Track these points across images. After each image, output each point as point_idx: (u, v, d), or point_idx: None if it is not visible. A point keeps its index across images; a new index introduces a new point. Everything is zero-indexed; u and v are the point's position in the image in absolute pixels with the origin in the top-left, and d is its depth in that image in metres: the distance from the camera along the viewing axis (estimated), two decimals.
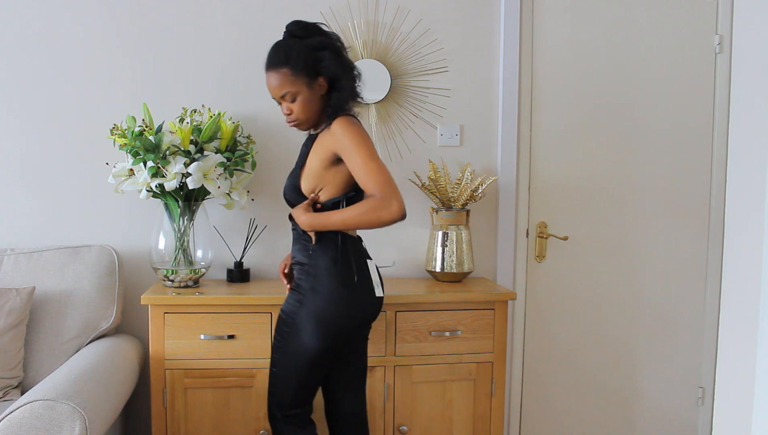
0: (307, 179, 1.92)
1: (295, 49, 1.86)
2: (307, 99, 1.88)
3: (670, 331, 2.89)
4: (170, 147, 2.31)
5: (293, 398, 1.95)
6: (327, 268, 1.88)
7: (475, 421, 2.38)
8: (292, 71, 1.85)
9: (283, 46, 1.89)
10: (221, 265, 2.58)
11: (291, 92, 1.87)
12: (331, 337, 1.89)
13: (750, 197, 1.39)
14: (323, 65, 1.87)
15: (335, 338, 1.90)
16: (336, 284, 1.87)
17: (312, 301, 1.88)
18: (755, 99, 1.40)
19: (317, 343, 1.88)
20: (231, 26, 2.59)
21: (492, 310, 2.37)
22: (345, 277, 1.88)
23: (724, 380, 1.50)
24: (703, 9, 2.82)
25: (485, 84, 2.73)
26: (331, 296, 1.87)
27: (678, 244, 2.87)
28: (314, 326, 1.87)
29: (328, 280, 1.87)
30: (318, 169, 1.89)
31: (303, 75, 1.85)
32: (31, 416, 1.69)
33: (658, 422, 2.91)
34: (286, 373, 1.93)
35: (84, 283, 2.34)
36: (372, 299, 1.94)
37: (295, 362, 1.92)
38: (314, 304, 1.87)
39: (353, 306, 1.91)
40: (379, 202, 1.76)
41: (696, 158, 2.86)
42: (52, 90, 2.53)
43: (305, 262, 1.91)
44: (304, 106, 1.88)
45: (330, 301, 1.87)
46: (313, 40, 1.89)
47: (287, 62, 1.85)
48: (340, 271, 1.88)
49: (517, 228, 2.78)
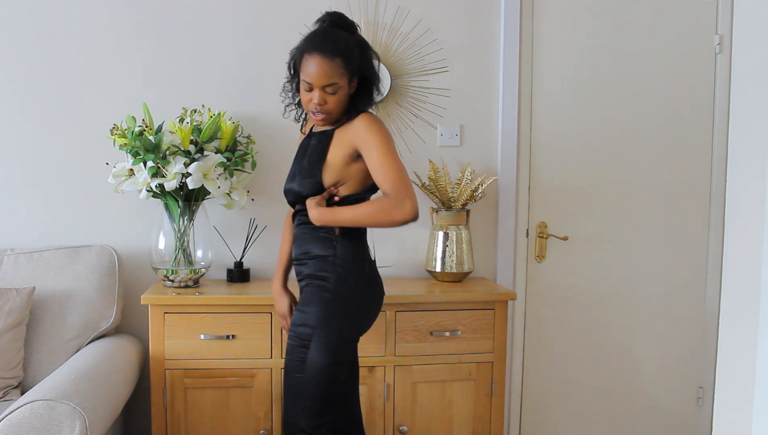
0: (331, 173, 1.85)
1: (351, 43, 1.82)
2: (345, 94, 1.83)
3: (670, 331, 2.89)
4: (170, 147, 2.31)
5: (327, 403, 1.82)
6: (353, 259, 1.87)
7: (475, 421, 2.38)
8: (345, 63, 1.78)
9: (337, 36, 1.81)
10: (221, 265, 2.58)
11: (337, 84, 1.79)
12: (362, 329, 1.91)
13: (750, 197, 1.39)
14: (368, 66, 1.86)
15: (364, 330, 1.92)
16: (363, 276, 1.89)
17: (343, 290, 1.84)
18: (755, 99, 1.40)
19: (354, 334, 1.88)
20: (231, 26, 2.59)
21: (492, 310, 2.37)
22: (370, 270, 1.92)
23: (724, 380, 1.50)
24: (703, 9, 2.82)
25: (485, 84, 2.73)
26: (360, 288, 1.88)
27: (678, 244, 2.87)
28: (349, 316, 1.86)
29: (357, 270, 1.87)
30: (341, 163, 1.85)
31: (350, 70, 1.81)
32: (31, 416, 1.69)
33: (657, 422, 2.91)
34: (317, 373, 1.81)
35: (84, 283, 2.34)
36: (382, 295, 1.97)
37: (334, 356, 1.81)
38: (346, 293, 1.84)
39: (377, 298, 1.94)
40: (392, 201, 1.74)
41: (696, 158, 2.86)
42: (52, 90, 2.53)
43: (328, 254, 1.86)
44: (340, 101, 1.83)
45: (359, 293, 1.87)
46: (360, 38, 1.87)
47: (343, 53, 1.79)
48: (365, 265, 1.90)
49: (517, 228, 2.78)
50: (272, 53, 2.59)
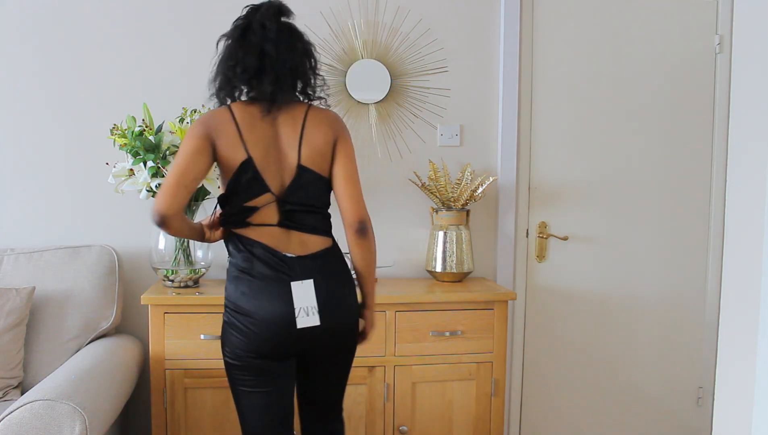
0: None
1: None
2: None
3: (670, 331, 2.89)
4: (170, 147, 2.31)
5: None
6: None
7: (475, 421, 2.38)
8: None
9: None
10: (221, 265, 2.58)
11: None
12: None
13: (750, 197, 1.39)
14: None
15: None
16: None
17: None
18: (755, 99, 1.40)
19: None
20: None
21: (492, 310, 2.37)
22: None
23: (724, 380, 1.50)
24: (703, 9, 2.82)
25: (485, 84, 2.73)
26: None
27: (678, 244, 2.87)
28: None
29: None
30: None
31: None
32: (31, 416, 1.69)
33: (657, 422, 2.91)
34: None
35: (84, 283, 2.34)
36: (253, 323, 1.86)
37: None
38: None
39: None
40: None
41: (696, 158, 2.86)
42: (52, 90, 2.53)
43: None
44: None
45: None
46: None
47: None
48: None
49: (517, 228, 2.78)
50: None
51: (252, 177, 1.70)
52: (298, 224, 1.73)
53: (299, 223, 1.73)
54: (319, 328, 1.70)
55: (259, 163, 1.70)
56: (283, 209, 1.72)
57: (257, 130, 1.71)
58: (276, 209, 1.72)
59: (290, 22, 1.76)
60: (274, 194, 1.71)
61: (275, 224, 1.72)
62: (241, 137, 1.69)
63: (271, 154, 1.71)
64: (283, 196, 1.72)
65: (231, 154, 1.69)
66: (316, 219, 1.77)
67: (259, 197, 1.71)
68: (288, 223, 1.72)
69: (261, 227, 1.71)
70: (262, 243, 1.70)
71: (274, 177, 1.72)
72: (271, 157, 1.71)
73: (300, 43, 1.75)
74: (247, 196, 1.70)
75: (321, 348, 1.77)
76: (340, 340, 1.79)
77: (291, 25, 1.76)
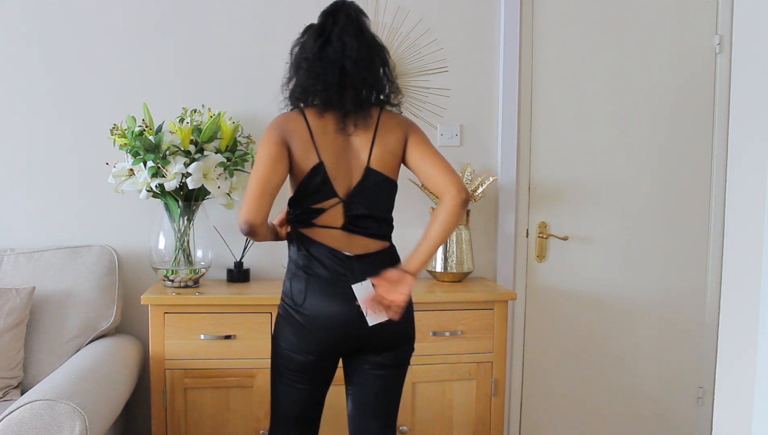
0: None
1: None
2: None
3: (670, 330, 2.89)
4: (170, 147, 2.31)
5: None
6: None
7: (475, 421, 2.38)
8: None
9: None
10: (221, 265, 2.58)
11: None
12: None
13: (750, 197, 1.39)
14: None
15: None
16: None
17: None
18: (755, 99, 1.40)
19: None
20: (231, 26, 2.59)
21: (492, 310, 2.37)
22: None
23: (724, 380, 1.50)
24: (703, 9, 2.82)
25: (485, 84, 2.73)
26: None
27: (678, 244, 2.87)
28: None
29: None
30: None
31: None
32: (31, 416, 1.69)
33: (657, 422, 2.91)
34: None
35: (84, 283, 2.34)
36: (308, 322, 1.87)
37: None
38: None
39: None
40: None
41: (696, 158, 2.86)
42: (52, 90, 2.53)
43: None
44: None
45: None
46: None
47: None
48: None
49: (517, 228, 2.78)
50: (272, 53, 2.58)
51: (321, 181, 1.72)
52: (361, 229, 1.75)
53: (362, 228, 1.75)
54: (372, 328, 1.71)
55: (330, 168, 1.72)
56: (348, 213, 1.74)
57: (329, 135, 1.73)
58: (341, 212, 1.74)
59: (370, 35, 1.77)
60: (340, 198, 1.73)
61: (339, 227, 1.73)
62: (313, 142, 1.71)
63: (342, 158, 1.74)
64: (349, 198, 1.73)
65: (303, 157, 1.71)
66: (379, 225, 1.78)
67: (326, 201, 1.73)
68: (351, 226, 1.74)
69: (324, 229, 1.73)
70: (323, 243, 1.72)
71: (343, 181, 1.74)
72: (341, 161, 1.74)
73: (378, 58, 1.77)
74: (315, 199, 1.73)
75: (379, 348, 1.77)
76: (394, 339, 1.78)
77: (371, 41, 1.76)
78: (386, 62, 1.79)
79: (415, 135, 1.78)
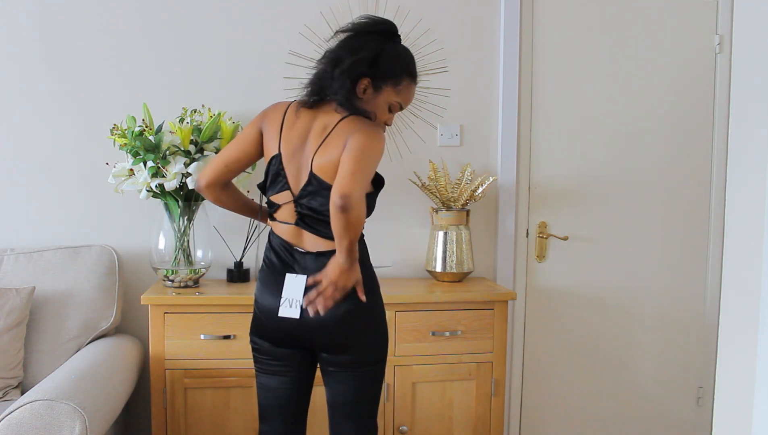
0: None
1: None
2: None
3: (670, 330, 2.89)
4: (170, 147, 2.31)
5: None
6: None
7: (475, 421, 2.38)
8: None
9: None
10: (221, 265, 2.58)
11: None
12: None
13: (750, 197, 1.39)
14: None
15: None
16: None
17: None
18: (755, 99, 1.40)
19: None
20: (231, 26, 2.59)
21: (492, 310, 2.37)
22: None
23: (724, 380, 1.50)
24: (703, 9, 2.82)
25: (485, 84, 2.73)
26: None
27: (678, 244, 2.87)
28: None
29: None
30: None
31: None
32: (31, 416, 1.69)
33: (657, 422, 2.91)
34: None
35: (84, 283, 2.34)
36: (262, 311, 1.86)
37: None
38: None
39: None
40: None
41: (696, 158, 2.86)
42: (52, 90, 2.53)
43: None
44: None
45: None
46: None
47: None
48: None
49: (517, 228, 2.78)
50: (272, 53, 2.59)
51: (276, 172, 1.77)
52: (311, 228, 1.76)
53: (312, 227, 1.76)
54: (297, 322, 1.73)
55: (285, 161, 1.75)
56: (298, 211, 1.76)
57: (294, 129, 1.76)
58: (293, 209, 1.76)
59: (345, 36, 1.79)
60: (293, 194, 1.76)
61: (293, 223, 1.77)
62: (280, 133, 1.77)
63: (296, 155, 1.75)
64: (298, 198, 1.75)
65: (269, 146, 1.79)
66: (328, 228, 1.70)
67: (281, 193, 1.77)
68: (302, 224, 1.76)
69: (282, 224, 1.79)
70: (281, 237, 1.79)
71: (295, 178, 1.76)
72: (296, 157, 1.75)
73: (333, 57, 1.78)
74: (273, 191, 1.79)
75: (320, 346, 1.78)
76: (328, 339, 1.75)
77: (341, 42, 1.79)
78: (339, 63, 1.73)
79: (352, 141, 1.66)
